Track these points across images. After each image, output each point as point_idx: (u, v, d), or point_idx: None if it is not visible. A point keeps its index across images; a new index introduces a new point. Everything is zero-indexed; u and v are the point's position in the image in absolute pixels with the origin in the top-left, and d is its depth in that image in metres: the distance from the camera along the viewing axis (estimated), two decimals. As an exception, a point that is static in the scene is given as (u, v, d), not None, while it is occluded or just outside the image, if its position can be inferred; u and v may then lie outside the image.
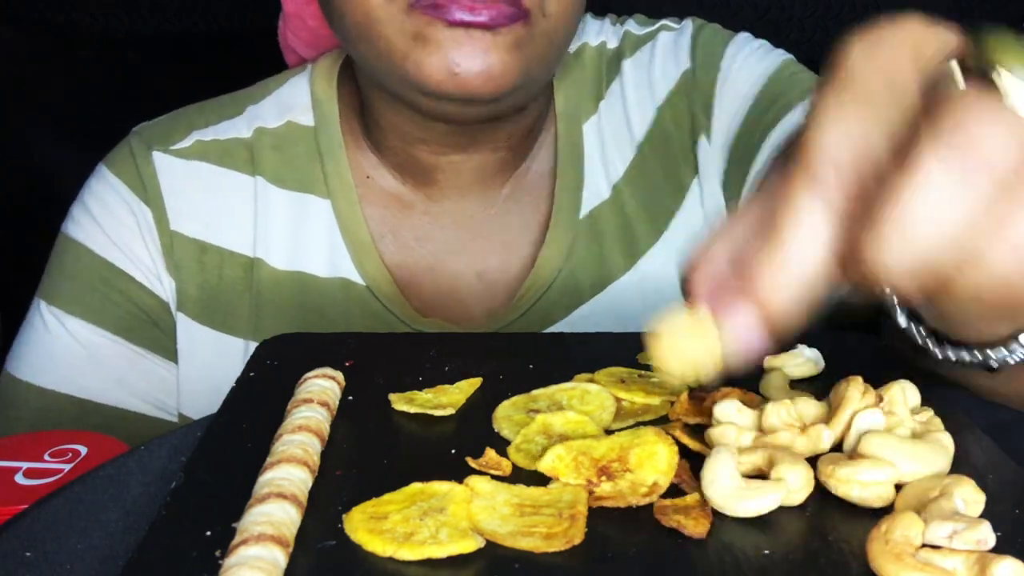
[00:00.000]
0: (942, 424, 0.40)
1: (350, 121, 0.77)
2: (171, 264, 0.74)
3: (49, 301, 0.75)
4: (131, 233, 0.75)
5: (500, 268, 0.76)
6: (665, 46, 0.79)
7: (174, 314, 0.75)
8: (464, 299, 0.75)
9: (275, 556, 0.31)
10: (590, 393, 0.44)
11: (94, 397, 0.73)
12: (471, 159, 0.74)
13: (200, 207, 0.75)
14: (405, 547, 0.33)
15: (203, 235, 0.75)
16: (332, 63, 0.79)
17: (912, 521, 0.32)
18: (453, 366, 0.48)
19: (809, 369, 0.47)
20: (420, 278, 0.75)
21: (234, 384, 0.46)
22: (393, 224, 0.75)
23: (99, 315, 0.74)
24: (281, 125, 0.77)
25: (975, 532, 0.32)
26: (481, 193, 0.76)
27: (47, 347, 0.74)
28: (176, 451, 0.44)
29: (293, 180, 0.76)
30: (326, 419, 0.41)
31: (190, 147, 0.76)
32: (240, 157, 0.76)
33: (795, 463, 0.36)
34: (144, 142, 0.76)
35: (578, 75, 0.79)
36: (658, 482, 0.37)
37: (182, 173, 0.75)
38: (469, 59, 0.61)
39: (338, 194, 0.75)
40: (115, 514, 0.40)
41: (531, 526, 0.34)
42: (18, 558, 0.37)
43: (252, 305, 0.74)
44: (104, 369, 0.73)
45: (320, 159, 0.76)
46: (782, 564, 0.32)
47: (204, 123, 0.78)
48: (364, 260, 0.74)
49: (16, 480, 0.49)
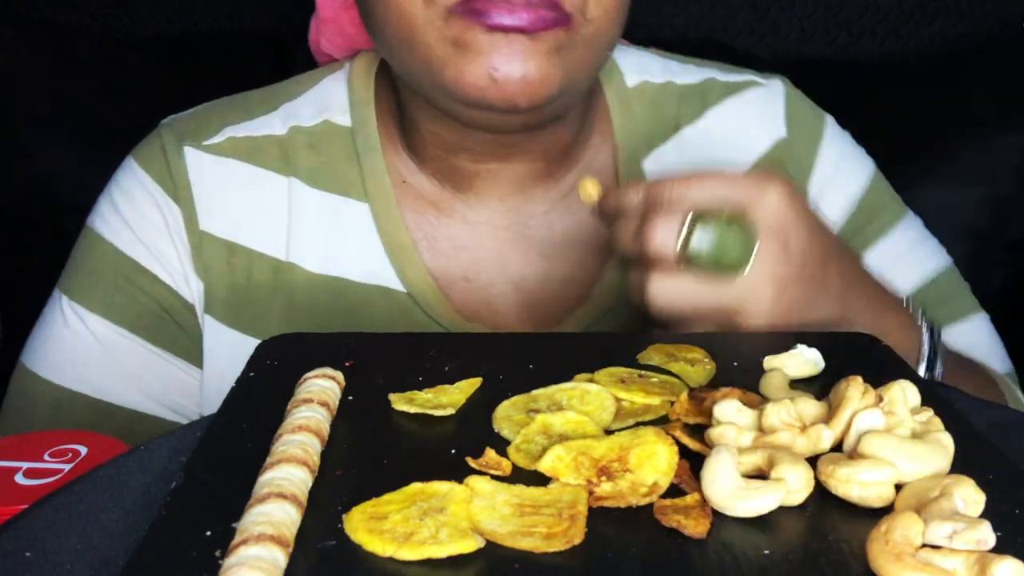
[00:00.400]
0: (942, 424, 0.40)
1: (387, 124, 0.75)
2: (199, 265, 0.72)
3: (70, 296, 0.73)
4: (159, 232, 0.73)
5: (537, 282, 0.74)
6: (758, 105, 0.79)
7: (201, 316, 0.73)
8: (500, 310, 0.74)
9: (275, 556, 0.32)
10: (590, 393, 0.44)
11: (110, 398, 0.72)
12: (509, 168, 0.72)
13: (231, 207, 0.73)
14: (405, 547, 0.33)
15: (233, 236, 0.73)
16: (370, 63, 0.77)
17: (912, 521, 0.32)
18: (453, 366, 0.48)
19: (809, 369, 0.47)
20: (456, 286, 0.73)
21: (234, 384, 0.46)
22: (429, 230, 0.74)
23: (121, 314, 0.72)
24: (317, 124, 0.75)
25: (975, 532, 0.32)
26: (519, 204, 0.74)
27: (66, 343, 0.73)
28: (176, 451, 0.44)
29: (328, 181, 0.74)
30: (326, 419, 0.41)
31: (222, 143, 0.74)
32: (273, 155, 0.74)
33: (795, 463, 0.36)
34: (175, 136, 0.74)
35: (639, 109, 0.78)
36: (658, 482, 0.37)
37: (213, 170, 0.73)
38: (508, 65, 0.60)
39: (376, 197, 0.73)
40: (115, 514, 0.40)
41: (531, 526, 0.34)
42: (18, 558, 0.37)
43: (284, 308, 0.72)
44: (122, 369, 0.72)
45: (357, 161, 0.74)
46: (782, 564, 0.32)
47: (237, 118, 0.75)
48: (405, 265, 0.72)
49: (16, 480, 0.49)
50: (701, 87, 0.80)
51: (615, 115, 0.77)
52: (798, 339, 0.49)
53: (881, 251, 0.79)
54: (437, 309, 0.71)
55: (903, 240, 0.80)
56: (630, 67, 0.79)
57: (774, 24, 1.54)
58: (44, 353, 0.73)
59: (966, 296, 0.82)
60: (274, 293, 0.73)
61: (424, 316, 0.72)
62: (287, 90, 0.78)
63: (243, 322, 0.73)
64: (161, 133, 0.75)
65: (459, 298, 0.73)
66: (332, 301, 0.72)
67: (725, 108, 0.79)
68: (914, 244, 0.81)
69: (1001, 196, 1.36)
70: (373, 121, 0.75)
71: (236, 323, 0.73)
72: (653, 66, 0.80)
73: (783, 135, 0.78)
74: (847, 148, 0.82)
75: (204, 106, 0.78)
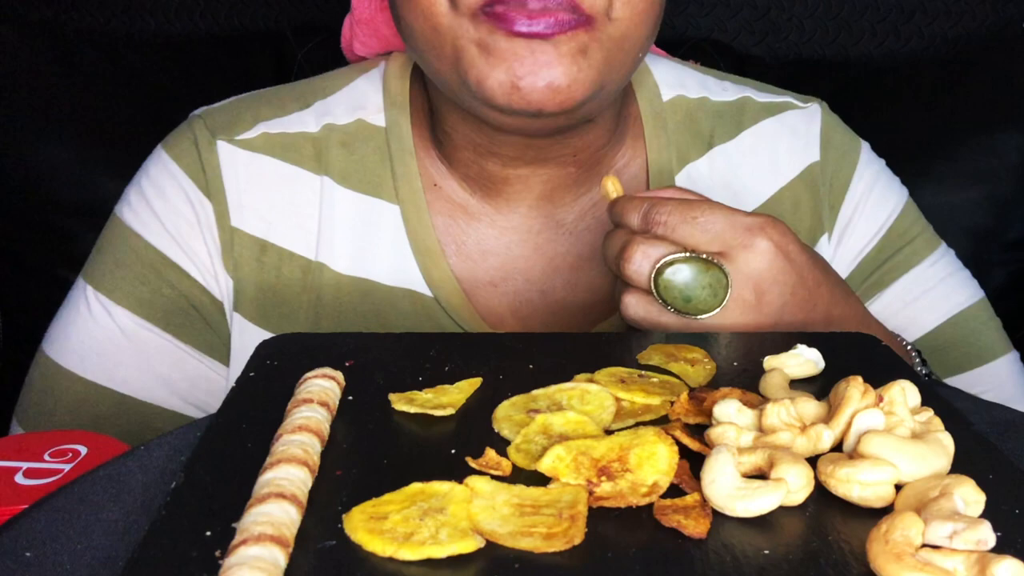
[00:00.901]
0: (942, 424, 0.40)
1: (420, 127, 0.75)
2: (229, 262, 0.72)
3: (96, 286, 0.72)
4: (189, 227, 0.72)
5: (564, 290, 0.74)
6: (794, 128, 0.79)
7: (229, 314, 0.72)
8: (526, 317, 0.74)
9: (275, 556, 0.32)
10: (590, 393, 0.44)
11: (135, 393, 0.71)
12: (539, 173, 0.72)
13: (263, 204, 0.72)
14: (405, 547, 0.33)
15: (264, 234, 0.72)
16: (404, 64, 0.77)
17: (912, 521, 0.32)
18: (453, 366, 0.48)
19: (809, 369, 0.47)
20: (482, 291, 0.73)
21: (234, 384, 0.46)
22: (457, 235, 0.74)
23: (148, 307, 0.72)
24: (351, 123, 0.74)
25: (975, 532, 0.32)
26: (549, 211, 0.74)
27: (91, 334, 0.72)
28: (176, 451, 0.44)
29: (361, 181, 0.73)
30: (326, 419, 0.41)
31: (256, 138, 0.73)
32: (306, 153, 0.73)
33: (795, 463, 0.36)
34: (208, 129, 0.73)
35: (672, 123, 0.77)
36: (658, 482, 0.37)
37: (246, 166, 0.72)
38: (532, 74, 0.60)
39: (407, 201, 0.73)
40: (115, 514, 0.40)
41: (531, 526, 0.34)
42: (18, 558, 0.37)
43: (311, 308, 0.72)
44: (148, 364, 0.71)
45: (390, 162, 0.73)
46: (782, 564, 0.32)
47: (271, 113, 0.74)
48: (432, 270, 0.72)
49: (16, 480, 0.49)
50: (737, 105, 0.79)
51: (648, 127, 0.76)
52: (798, 339, 0.49)
53: (910, 280, 0.79)
54: (462, 314, 0.71)
55: (933, 271, 0.80)
56: (665, 80, 0.79)
57: (774, 24, 1.54)
58: (68, 343, 0.72)
59: (995, 333, 0.81)
60: (303, 292, 0.72)
61: (449, 320, 0.72)
62: (321, 87, 0.77)
63: (272, 321, 0.72)
64: (193, 125, 0.74)
65: (485, 303, 0.73)
66: (359, 302, 0.72)
67: (760, 129, 0.79)
68: (945, 277, 0.80)
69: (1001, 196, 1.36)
70: (407, 123, 0.74)
71: (265, 322, 0.72)
72: (689, 81, 0.80)
73: (816, 159, 0.78)
74: (881, 175, 0.81)
75: (236, 99, 0.77)
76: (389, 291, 0.72)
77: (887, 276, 0.79)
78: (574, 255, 0.74)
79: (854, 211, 0.79)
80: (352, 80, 0.77)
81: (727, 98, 0.80)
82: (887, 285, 0.79)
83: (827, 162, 0.79)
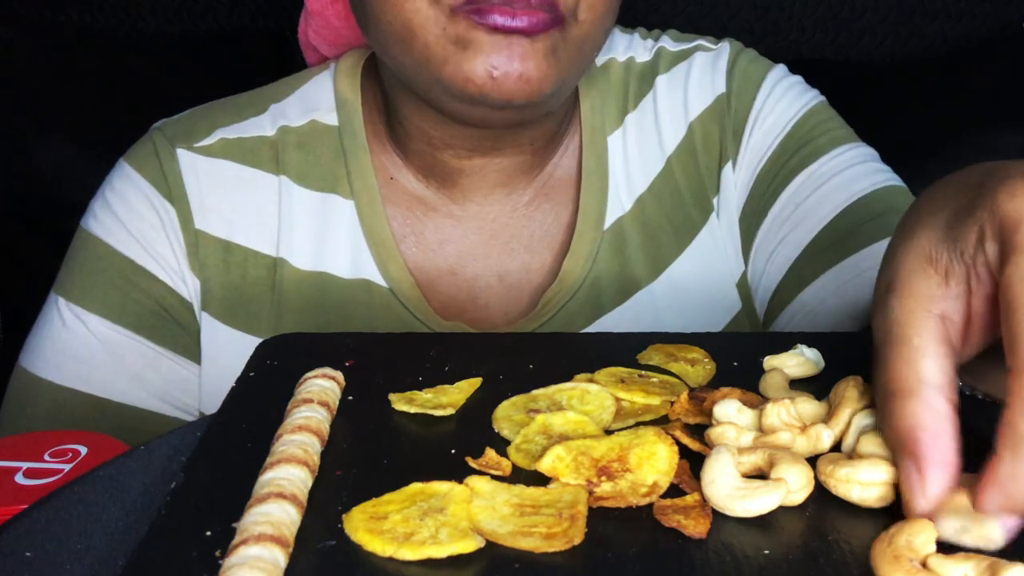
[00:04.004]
0: (942, 424, 0.40)
1: (374, 122, 0.77)
2: (195, 263, 0.73)
3: (68, 297, 0.74)
4: (155, 231, 0.74)
5: (521, 272, 0.76)
6: (702, 66, 0.80)
7: (198, 314, 0.74)
8: (485, 303, 0.75)
9: (275, 556, 0.32)
10: (590, 393, 0.44)
11: (112, 396, 0.72)
12: (495, 163, 0.74)
13: (225, 206, 0.74)
14: (405, 547, 0.33)
15: (228, 234, 0.74)
16: (356, 62, 0.78)
17: (922, 528, 0.32)
18: (453, 366, 0.48)
19: (809, 369, 0.47)
20: (441, 281, 0.75)
21: (234, 384, 0.46)
22: (415, 226, 0.75)
23: (120, 313, 0.73)
24: (305, 124, 0.77)
25: (984, 529, 0.32)
26: (504, 197, 0.76)
27: (65, 343, 0.73)
28: (176, 451, 0.44)
29: (317, 179, 0.75)
30: (326, 419, 0.41)
31: (214, 144, 0.75)
32: (264, 156, 0.76)
33: (795, 463, 0.36)
34: (167, 139, 0.76)
35: (604, 87, 0.79)
36: (658, 482, 0.37)
37: (206, 171, 0.74)
38: (507, 64, 0.62)
39: (362, 195, 0.74)
40: (115, 514, 0.40)
41: (531, 526, 0.34)
42: (18, 558, 0.37)
43: (275, 305, 0.74)
44: (123, 367, 0.73)
45: (344, 159, 0.75)
46: (782, 564, 0.32)
47: (228, 120, 0.77)
48: (386, 262, 0.73)
49: (16, 480, 0.49)
50: (655, 58, 0.81)
51: (583, 96, 0.78)
52: (798, 339, 0.49)
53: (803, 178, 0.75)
54: (416, 305, 0.73)
55: (832, 164, 0.75)
56: None
57: (774, 24, 1.54)
58: (43, 354, 0.74)
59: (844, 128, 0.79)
60: (268, 290, 0.74)
61: (405, 311, 0.73)
62: (275, 91, 0.79)
63: (239, 319, 0.74)
64: (152, 137, 0.76)
65: (445, 292, 0.74)
66: (320, 297, 0.74)
67: (673, 74, 0.80)
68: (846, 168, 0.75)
69: (1001, 196, 1.35)
70: (360, 119, 0.76)
71: (232, 320, 0.74)
72: (618, 43, 0.82)
73: (722, 90, 0.79)
74: (791, 89, 0.79)
75: (193, 110, 0.79)
76: (347, 284, 0.74)
77: (780, 183, 0.76)
78: (527, 235, 0.76)
79: (753, 126, 0.78)
80: (304, 83, 0.79)
81: (647, 57, 0.81)
82: (780, 191, 0.75)
83: (731, 91, 0.79)
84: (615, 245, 0.76)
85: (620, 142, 0.78)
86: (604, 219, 0.76)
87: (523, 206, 0.76)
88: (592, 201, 0.76)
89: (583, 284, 0.74)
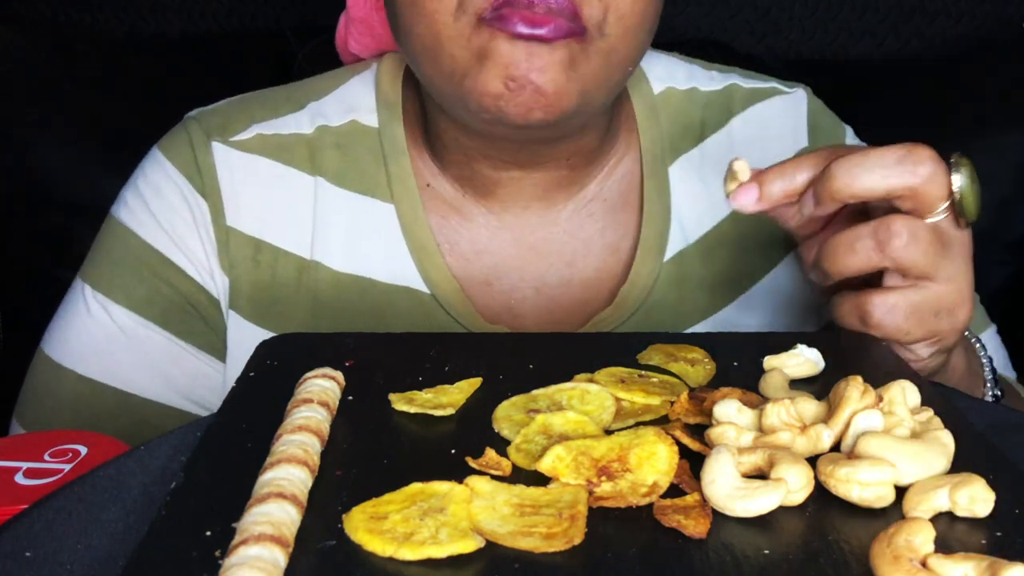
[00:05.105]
0: (942, 424, 0.40)
1: (412, 127, 0.76)
2: (225, 260, 0.72)
3: (94, 285, 0.73)
4: (185, 225, 0.73)
5: (560, 286, 0.74)
6: (782, 114, 0.79)
7: (225, 312, 0.73)
8: (521, 313, 0.74)
9: (275, 556, 0.32)
10: (590, 393, 0.44)
11: (135, 390, 0.72)
12: (532, 176, 0.73)
13: (258, 203, 0.73)
14: (405, 547, 0.33)
15: (259, 233, 0.73)
16: (398, 64, 0.77)
17: (921, 528, 0.32)
18: (453, 366, 0.48)
19: (809, 369, 0.47)
20: (477, 289, 0.74)
21: (234, 384, 0.46)
22: (451, 235, 0.74)
23: (146, 306, 0.72)
24: (345, 124, 0.75)
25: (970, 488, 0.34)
26: (542, 210, 0.75)
27: (90, 333, 0.72)
28: (176, 451, 0.44)
29: (355, 181, 0.74)
30: (326, 419, 0.41)
31: (250, 140, 0.74)
32: (300, 155, 0.74)
33: (795, 463, 0.36)
34: (203, 130, 0.74)
35: (664, 115, 0.78)
36: (658, 482, 0.37)
37: (241, 166, 0.73)
38: (524, 75, 0.61)
39: (402, 200, 0.73)
40: (115, 514, 0.40)
41: (531, 526, 0.34)
42: (18, 558, 0.37)
43: (309, 307, 0.73)
44: (147, 361, 0.72)
45: (384, 162, 0.74)
46: (782, 564, 0.32)
47: (265, 115, 0.75)
48: (429, 267, 0.72)
49: (16, 480, 0.49)
50: (725, 93, 0.80)
51: (641, 122, 0.77)
52: (798, 339, 0.49)
53: None
54: (460, 310, 0.72)
55: None
56: (656, 74, 0.79)
57: (774, 24, 1.54)
58: (67, 342, 0.73)
59: (977, 308, 0.81)
60: (298, 291, 0.73)
61: (447, 317, 0.72)
62: (314, 88, 0.78)
63: (267, 319, 0.73)
64: (188, 126, 0.75)
65: (481, 301, 0.73)
66: (357, 300, 0.72)
67: (749, 115, 0.79)
68: None
69: (1002, 196, 1.35)
70: (400, 124, 0.75)
71: (260, 320, 0.73)
72: (678, 72, 0.80)
73: (805, 144, 0.79)
74: None
75: (228, 101, 0.78)
76: (387, 289, 0.73)
77: None
78: (568, 251, 0.75)
79: None
80: (345, 81, 0.78)
81: (715, 87, 0.80)
82: None
83: (815, 147, 0.78)
84: (675, 278, 0.75)
85: (686, 173, 0.77)
86: (665, 250, 0.75)
87: (564, 221, 0.75)
88: (654, 231, 0.75)
89: (637, 311, 0.73)
